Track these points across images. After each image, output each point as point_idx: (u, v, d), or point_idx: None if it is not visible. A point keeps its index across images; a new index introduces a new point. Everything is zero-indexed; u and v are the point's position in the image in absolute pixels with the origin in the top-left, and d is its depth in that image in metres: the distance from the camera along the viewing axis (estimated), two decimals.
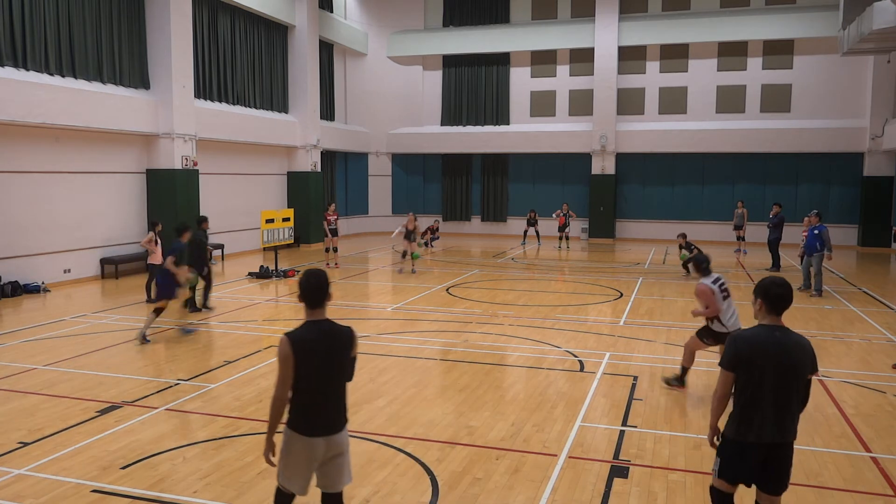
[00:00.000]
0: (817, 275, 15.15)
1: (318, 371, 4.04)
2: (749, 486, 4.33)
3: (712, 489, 4.39)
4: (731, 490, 4.30)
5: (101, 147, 16.96)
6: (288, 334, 4.06)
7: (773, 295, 4.11)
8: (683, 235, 18.83)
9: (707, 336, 8.13)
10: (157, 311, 10.80)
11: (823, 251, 14.90)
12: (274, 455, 4.20)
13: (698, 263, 8.36)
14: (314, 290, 4.07)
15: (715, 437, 4.38)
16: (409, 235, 18.26)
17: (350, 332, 4.17)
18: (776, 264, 19.08)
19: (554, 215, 25.80)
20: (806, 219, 15.84)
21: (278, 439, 4.21)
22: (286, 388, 4.05)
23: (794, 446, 4.24)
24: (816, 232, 15.05)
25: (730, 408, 4.29)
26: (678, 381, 8.38)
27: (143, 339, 10.50)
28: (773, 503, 4.27)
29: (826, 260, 15.05)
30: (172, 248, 10.98)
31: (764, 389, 4.06)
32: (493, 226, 30.21)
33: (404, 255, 18.44)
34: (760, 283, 4.20)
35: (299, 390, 4.05)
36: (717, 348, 8.30)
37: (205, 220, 13.13)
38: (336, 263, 19.35)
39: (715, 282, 7.98)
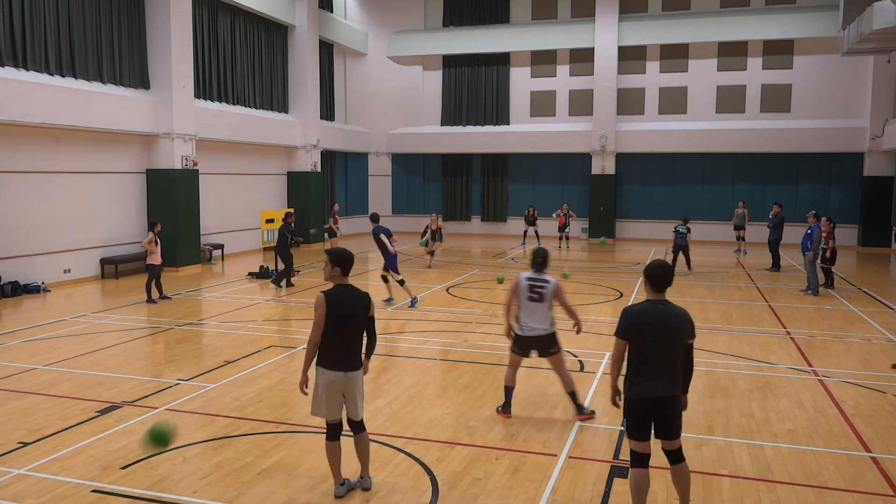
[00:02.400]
0: (811, 273, 15.18)
1: (341, 321, 5.34)
2: (648, 438, 4.89)
3: (631, 452, 4.95)
4: (645, 450, 4.89)
5: (101, 147, 16.96)
6: (324, 292, 5.41)
7: (655, 275, 4.92)
8: (685, 219, 19.01)
9: (515, 344, 7.28)
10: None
11: (811, 251, 15.00)
12: (307, 388, 5.46)
13: (533, 255, 7.35)
14: (346, 260, 5.52)
15: (616, 398, 5.11)
16: (434, 235, 19.57)
17: (367, 295, 5.52)
18: (776, 264, 19.08)
19: (554, 215, 25.79)
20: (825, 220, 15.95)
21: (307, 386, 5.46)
22: (319, 332, 5.34)
23: (794, 445, 4.35)
24: (809, 231, 15.16)
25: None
26: (505, 408, 7.37)
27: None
28: (672, 446, 4.95)
29: (810, 258, 15.07)
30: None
31: (651, 351, 4.80)
32: (493, 226, 30.22)
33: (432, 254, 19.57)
34: (646, 267, 4.98)
35: (326, 334, 5.33)
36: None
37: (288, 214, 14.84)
38: None
39: (531, 279, 7.14)
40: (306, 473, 5.94)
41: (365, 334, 5.52)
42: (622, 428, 4.96)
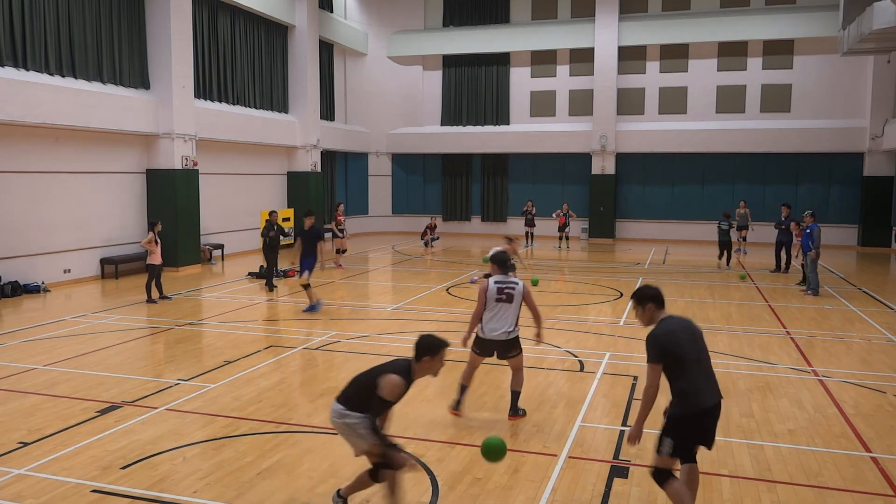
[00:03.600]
0: (812, 273, 15.17)
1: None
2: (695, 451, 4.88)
3: (658, 470, 4.84)
4: (675, 465, 4.85)
5: (101, 147, 16.96)
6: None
7: (655, 294, 4.95)
8: (726, 215, 18.93)
9: (475, 345, 7.29)
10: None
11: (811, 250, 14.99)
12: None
13: (494, 260, 7.41)
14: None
15: (641, 431, 4.89)
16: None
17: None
18: (778, 267, 18.94)
19: (554, 215, 25.77)
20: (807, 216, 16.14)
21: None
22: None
23: (794, 445, 4.38)
24: (808, 231, 15.13)
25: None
26: (456, 406, 7.40)
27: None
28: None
29: (812, 258, 15.06)
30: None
31: (694, 362, 4.75)
32: (493, 226, 30.19)
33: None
34: (637, 293, 4.99)
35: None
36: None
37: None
38: (339, 264, 19.35)
39: (499, 282, 7.17)
40: (306, 473, 5.94)
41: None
42: (662, 447, 4.85)
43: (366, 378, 4.89)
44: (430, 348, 4.88)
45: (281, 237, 15.88)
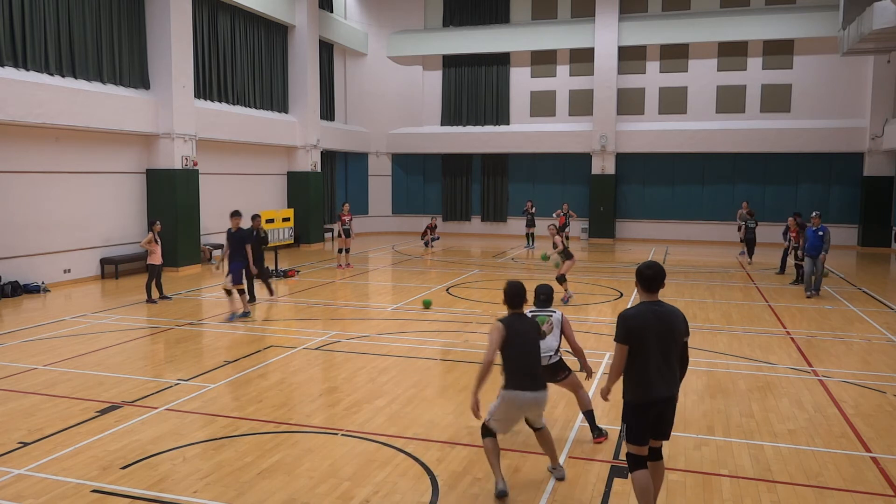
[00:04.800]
0: (820, 276, 15.03)
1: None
2: (648, 441, 4.89)
3: (628, 455, 4.94)
4: (643, 452, 4.89)
5: (101, 147, 16.96)
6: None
7: (645, 276, 4.87)
8: (751, 213, 18.74)
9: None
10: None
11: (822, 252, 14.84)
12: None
13: (536, 292, 6.73)
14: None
15: (607, 395, 5.04)
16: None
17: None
18: (782, 269, 18.79)
19: (554, 215, 25.73)
20: (791, 219, 17.06)
21: None
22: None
23: (794, 445, 4.35)
24: (821, 233, 14.87)
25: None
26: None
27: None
28: (657, 444, 4.97)
29: (823, 260, 14.98)
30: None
31: (652, 353, 4.75)
32: (493, 226, 30.21)
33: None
34: (637, 268, 4.95)
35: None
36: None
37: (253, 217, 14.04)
38: (348, 264, 19.30)
39: (535, 313, 6.63)
40: (306, 473, 5.94)
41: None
42: (622, 432, 4.92)
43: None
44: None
45: (266, 240, 15.11)
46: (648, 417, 4.82)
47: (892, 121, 24.06)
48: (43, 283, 15.25)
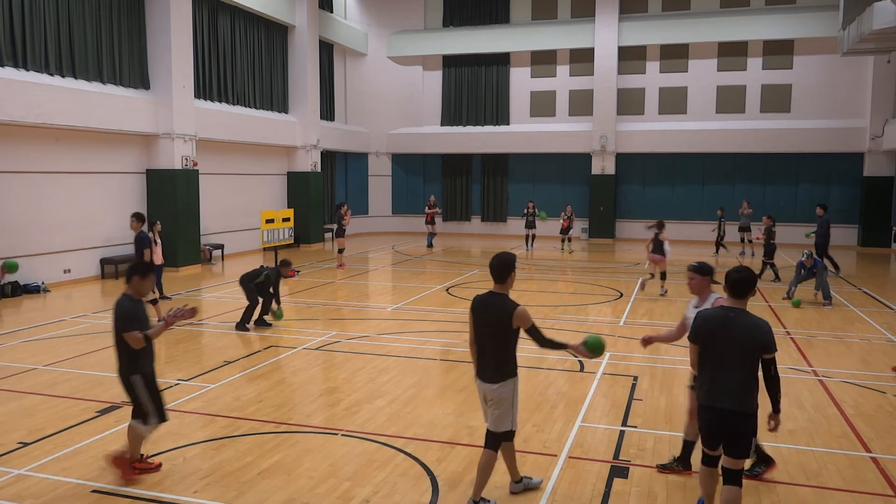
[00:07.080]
0: (825, 287, 14.72)
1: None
2: (718, 447, 4.79)
3: (703, 455, 4.96)
4: (710, 452, 4.84)
5: (101, 147, 16.96)
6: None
7: (730, 279, 4.77)
8: (772, 222, 16.98)
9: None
10: None
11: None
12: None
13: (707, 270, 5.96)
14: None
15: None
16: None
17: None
18: (836, 267, 18.51)
19: (560, 217, 25.45)
20: (765, 218, 17.03)
21: None
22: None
23: (794, 445, 4.34)
24: (814, 271, 14.56)
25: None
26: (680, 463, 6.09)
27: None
28: (729, 464, 4.71)
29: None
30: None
31: (715, 359, 4.67)
32: (493, 226, 30.21)
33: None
34: (727, 272, 4.85)
35: None
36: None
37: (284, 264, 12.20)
38: (342, 264, 19.32)
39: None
40: (306, 473, 5.94)
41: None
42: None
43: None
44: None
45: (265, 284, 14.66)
46: (713, 423, 4.70)
47: (892, 121, 24.06)
48: (43, 283, 15.25)
